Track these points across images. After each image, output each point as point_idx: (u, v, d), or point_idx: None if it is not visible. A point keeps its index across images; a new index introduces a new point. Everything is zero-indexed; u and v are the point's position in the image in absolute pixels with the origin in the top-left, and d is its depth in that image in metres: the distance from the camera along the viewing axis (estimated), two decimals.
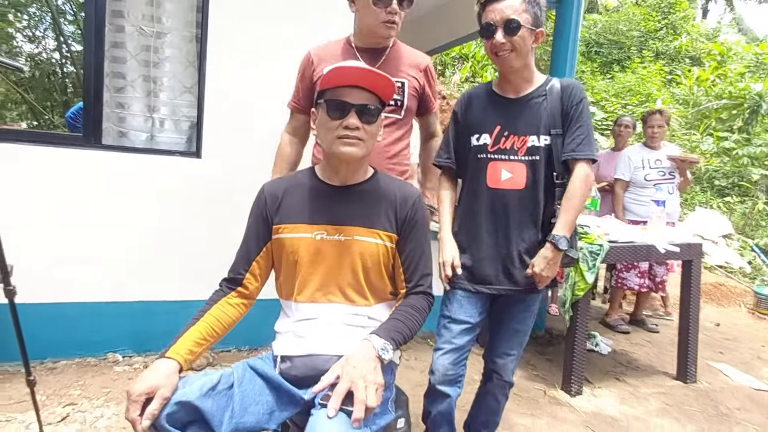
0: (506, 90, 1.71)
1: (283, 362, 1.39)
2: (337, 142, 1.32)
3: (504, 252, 1.69)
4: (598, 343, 3.53)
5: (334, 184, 1.42)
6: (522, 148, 1.65)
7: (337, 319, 1.39)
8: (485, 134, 1.68)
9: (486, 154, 1.68)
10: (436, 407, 1.77)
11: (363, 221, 1.39)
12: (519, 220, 1.67)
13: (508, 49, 1.58)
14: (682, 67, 12.10)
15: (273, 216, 1.41)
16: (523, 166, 1.65)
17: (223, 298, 1.38)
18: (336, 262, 1.38)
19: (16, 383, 2.39)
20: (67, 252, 2.61)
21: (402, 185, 1.48)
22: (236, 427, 1.25)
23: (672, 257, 2.95)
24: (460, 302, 1.73)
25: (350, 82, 1.31)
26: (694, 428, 2.50)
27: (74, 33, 7.89)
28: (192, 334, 1.27)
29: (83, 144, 2.64)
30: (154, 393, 1.14)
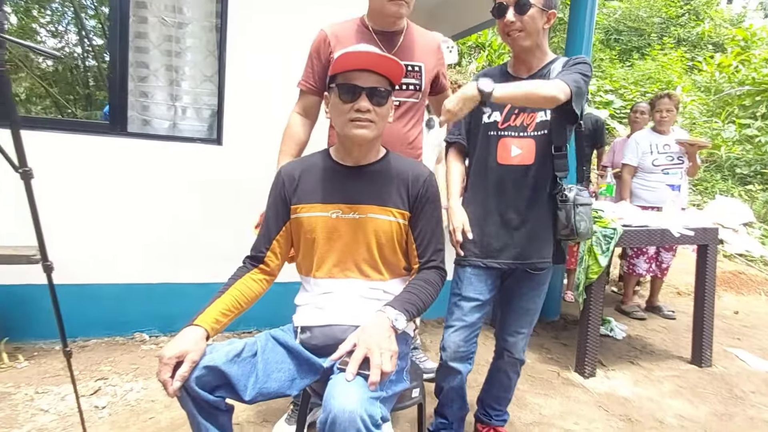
0: (519, 70, 1.75)
1: (303, 332, 1.46)
2: (350, 124, 1.37)
3: (513, 226, 1.72)
4: (613, 328, 3.55)
5: (347, 164, 1.48)
6: (531, 124, 1.68)
7: (354, 292, 1.46)
8: (496, 112, 1.71)
9: (496, 131, 1.72)
10: (448, 383, 1.82)
11: (376, 200, 1.45)
12: (527, 195, 1.70)
13: (518, 28, 1.61)
14: (705, 54, 11.85)
15: (291, 197, 1.47)
16: (532, 142, 1.68)
17: (247, 274, 1.46)
18: (351, 239, 1.45)
19: (50, 359, 2.52)
20: (95, 235, 2.73)
21: (413, 164, 1.53)
22: (260, 391, 1.33)
23: (687, 242, 2.95)
24: (470, 280, 1.76)
25: (360, 66, 1.36)
26: (707, 409, 2.52)
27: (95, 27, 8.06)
28: (218, 306, 1.36)
29: (110, 132, 2.75)
30: (183, 357, 1.22)
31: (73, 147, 2.65)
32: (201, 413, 1.29)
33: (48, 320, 2.66)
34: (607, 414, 2.39)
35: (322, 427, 1.12)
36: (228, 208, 2.92)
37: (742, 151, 8.36)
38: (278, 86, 2.94)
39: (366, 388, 1.15)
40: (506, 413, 2.01)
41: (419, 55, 1.90)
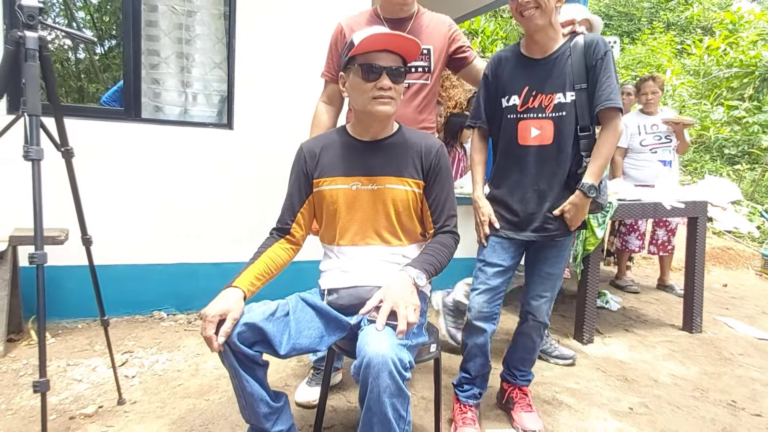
0: (533, 51, 1.82)
1: (330, 294, 1.59)
2: (373, 102, 1.49)
3: (535, 202, 1.84)
4: (608, 300, 3.72)
5: (364, 139, 1.60)
6: (549, 105, 1.78)
7: (375, 257, 1.59)
8: (514, 95, 1.82)
9: (516, 114, 1.82)
10: (473, 340, 1.95)
11: (393, 171, 1.57)
12: (547, 173, 1.82)
13: (533, 6, 1.68)
14: (693, 38, 12.01)
15: (312, 171, 1.59)
16: (550, 123, 1.79)
17: (275, 243, 1.59)
18: (371, 208, 1.58)
19: (76, 335, 2.64)
20: (113, 217, 2.84)
21: (425, 137, 1.65)
22: (293, 347, 1.47)
23: (678, 214, 3.10)
24: (494, 247, 1.90)
25: (379, 46, 1.47)
26: (697, 369, 2.69)
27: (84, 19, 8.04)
28: (253, 271, 1.50)
29: (125, 117, 2.85)
30: (225, 315, 1.35)
31: (89, 132, 2.75)
32: (242, 366, 1.42)
33: (70, 300, 2.80)
34: (605, 375, 2.56)
35: (356, 371, 1.25)
36: (240, 190, 3.03)
37: (730, 132, 8.56)
38: (286, 71, 3.05)
39: (395, 336, 1.28)
40: (530, 373, 2.13)
41: (428, 38, 2.01)
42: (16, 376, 2.20)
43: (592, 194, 1.76)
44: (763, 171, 7.57)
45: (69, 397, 2.06)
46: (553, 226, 1.85)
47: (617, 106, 1.73)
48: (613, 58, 1.79)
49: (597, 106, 1.75)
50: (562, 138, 1.80)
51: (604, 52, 1.75)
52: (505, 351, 2.18)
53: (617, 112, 1.75)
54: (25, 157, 1.41)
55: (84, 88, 8.14)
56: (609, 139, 1.76)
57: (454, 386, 2.07)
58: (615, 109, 1.74)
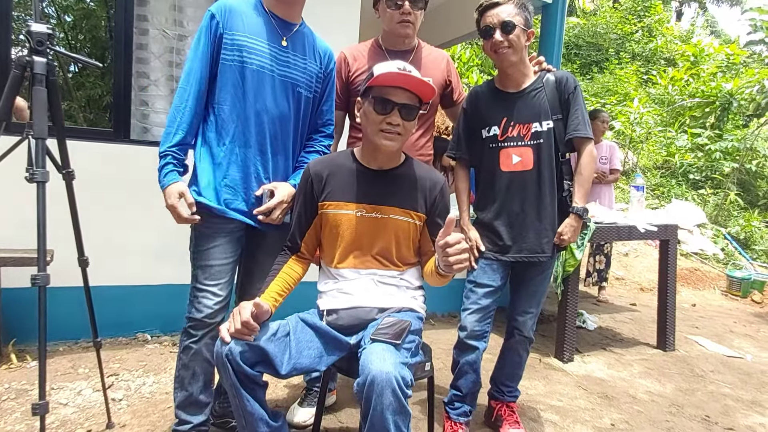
0: (507, 85, 1.98)
1: (329, 315, 1.63)
2: (380, 134, 1.55)
3: (519, 225, 1.95)
4: (585, 320, 3.84)
5: (372, 167, 1.66)
6: (527, 134, 1.92)
7: (374, 279, 1.64)
8: (494, 126, 1.95)
9: (497, 143, 1.96)
10: (464, 357, 2.03)
11: (398, 202, 1.64)
12: (530, 196, 1.94)
13: (506, 46, 1.84)
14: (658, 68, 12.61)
15: (319, 195, 1.64)
16: (529, 150, 1.92)
17: (289, 260, 1.66)
18: (374, 236, 1.63)
19: (58, 358, 2.59)
20: (98, 238, 2.80)
21: (430, 171, 1.73)
22: (294, 366, 1.50)
23: (651, 237, 3.26)
24: (483, 269, 2.00)
25: (396, 83, 1.53)
26: (673, 386, 2.80)
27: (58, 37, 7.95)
28: (274, 288, 1.57)
29: (114, 138, 2.85)
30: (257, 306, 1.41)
31: (76, 153, 2.73)
32: (242, 386, 1.45)
33: (51, 322, 2.73)
34: (586, 392, 2.64)
35: (360, 388, 1.29)
36: None
37: (694, 158, 8.98)
38: None
39: (398, 354, 1.33)
40: (517, 390, 2.21)
41: (427, 70, 2.11)
42: None
43: (585, 216, 1.92)
44: (725, 196, 7.94)
45: (55, 422, 2.03)
46: (539, 248, 1.95)
47: (586, 136, 1.92)
48: (581, 92, 1.96)
49: (567, 134, 1.94)
50: (541, 164, 1.93)
51: (574, 87, 1.95)
52: (489, 370, 2.25)
53: (588, 140, 1.94)
54: (30, 180, 1.43)
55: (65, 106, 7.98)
56: (587, 163, 1.94)
57: (445, 404, 2.12)
58: (585, 138, 1.93)
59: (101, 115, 5.93)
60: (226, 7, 1.66)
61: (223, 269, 1.73)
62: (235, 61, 1.65)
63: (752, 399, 2.72)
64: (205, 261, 1.72)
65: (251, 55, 1.66)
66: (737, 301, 5.34)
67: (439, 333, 3.42)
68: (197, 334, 1.73)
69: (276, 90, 1.71)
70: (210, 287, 1.71)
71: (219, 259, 1.72)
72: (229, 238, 1.73)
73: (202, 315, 1.71)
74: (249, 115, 1.69)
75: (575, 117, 1.92)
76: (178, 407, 1.78)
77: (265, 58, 1.68)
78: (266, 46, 1.68)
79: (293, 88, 1.75)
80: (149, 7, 2.96)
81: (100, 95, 5.92)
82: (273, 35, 1.70)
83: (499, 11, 1.84)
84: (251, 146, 1.71)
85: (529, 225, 1.95)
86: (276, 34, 1.71)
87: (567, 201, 1.95)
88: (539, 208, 1.94)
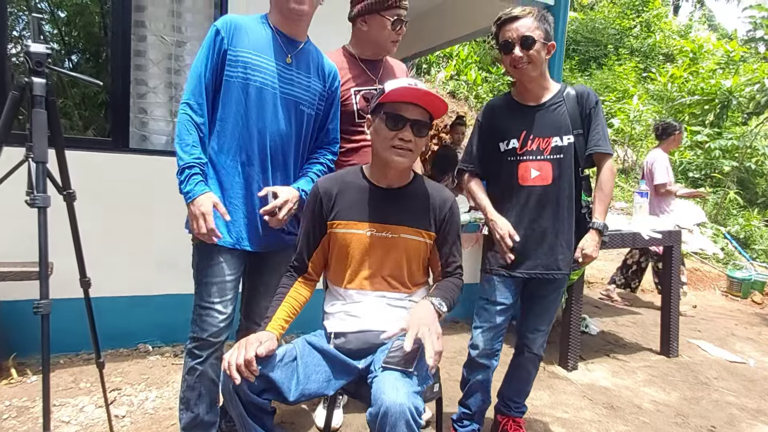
0: (526, 98, 1.93)
1: (336, 338, 1.61)
2: (391, 150, 1.52)
3: (536, 241, 1.90)
4: (588, 325, 3.83)
5: (381, 186, 1.63)
6: (547, 148, 1.88)
7: (383, 301, 1.61)
8: (513, 139, 1.90)
9: (516, 157, 1.90)
10: (475, 376, 2.01)
11: (408, 221, 1.61)
12: (548, 212, 1.89)
13: (525, 61, 1.80)
14: (656, 64, 12.58)
15: (328, 213, 1.61)
16: (548, 164, 1.88)
17: (296, 282, 1.62)
18: (383, 256, 1.60)
19: (59, 372, 2.56)
20: (97, 249, 2.77)
21: (439, 189, 1.70)
22: (302, 392, 1.48)
23: (655, 243, 3.24)
24: (496, 286, 1.95)
25: (408, 99, 1.51)
26: (677, 395, 2.80)
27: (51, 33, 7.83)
28: (280, 314, 1.54)
29: (112, 148, 2.81)
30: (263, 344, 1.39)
31: (76, 163, 2.69)
32: (250, 415, 1.43)
33: (52, 335, 2.70)
34: (591, 403, 2.63)
35: (372, 419, 1.27)
36: None
37: (693, 156, 8.97)
38: None
39: (411, 383, 1.32)
40: (524, 405, 2.19)
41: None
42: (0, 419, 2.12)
43: (606, 232, 1.89)
44: (724, 194, 7.95)
45: None
46: (554, 264, 1.92)
47: (607, 151, 1.90)
48: (601, 107, 1.93)
49: (588, 149, 1.91)
50: (561, 179, 1.89)
51: (595, 102, 1.91)
52: (497, 381, 2.23)
53: (608, 156, 1.91)
54: (32, 205, 1.39)
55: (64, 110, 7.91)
56: (607, 178, 1.91)
57: (453, 422, 2.10)
58: (606, 154, 1.90)
59: (96, 113, 5.87)
60: (232, 23, 1.63)
61: (228, 285, 1.72)
62: (239, 77, 1.63)
63: (757, 407, 2.71)
64: (209, 277, 1.71)
65: (255, 72, 1.64)
66: (738, 302, 5.34)
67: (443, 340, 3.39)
68: (202, 355, 1.71)
69: (278, 107, 1.70)
70: (215, 304, 1.70)
71: (223, 275, 1.70)
72: (232, 253, 1.72)
73: (207, 334, 1.69)
74: (252, 132, 1.68)
75: (596, 132, 1.89)
76: (184, 429, 1.76)
77: (269, 75, 1.66)
78: (271, 63, 1.66)
79: (296, 106, 1.74)
80: (147, 13, 2.91)
81: (96, 93, 5.85)
82: (278, 52, 1.68)
83: (518, 25, 1.79)
84: (254, 164, 1.70)
85: (545, 241, 1.90)
86: (281, 51, 1.69)
87: (585, 218, 1.92)
88: (556, 223, 1.90)
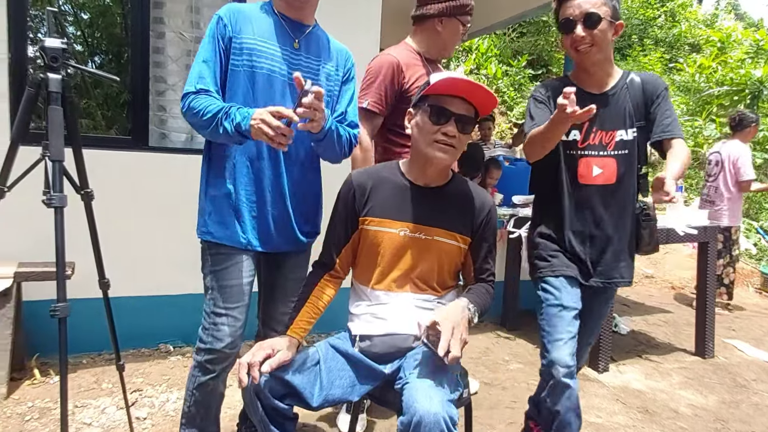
0: (588, 85, 1.71)
1: (362, 341, 1.53)
2: (434, 145, 1.43)
3: (598, 247, 1.72)
4: (618, 323, 3.70)
5: (418, 183, 1.54)
6: (611, 143, 1.68)
7: (411, 304, 1.53)
8: (575, 130, 1.68)
9: (576, 151, 1.70)
10: (564, 403, 1.63)
11: (444, 224, 1.52)
12: (612, 215, 1.70)
13: (588, 43, 1.60)
14: (682, 54, 12.22)
15: (361, 209, 1.53)
16: (613, 161, 1.68)
17: (321, 280, 1.55)
18: (416, 257, 1.51)
19: (81, 373, 2.55)
20: (119, 248, 2.75)
21: (478, 191, 1.60)
22: (325, 398, 1.42)
23: (690, 240, 3.10)
24: (566, 288, 1.69)
25: (455, 92, 1.42)
26: (715, 398, 2.67)
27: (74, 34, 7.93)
28: (303, 316, 1.48)
29: (132, 147, 2.79)
30: (275, 352, 1.35)
31: (96, 162, 2.67)
32: (271, 421, 1.37)
33: (74, 334, 2.69)
34: (625, 407, 2.52)
35: (405, 428, 1.20)
36: None
37: None
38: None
39: (444, 391, 1.24)
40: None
41: None
42: (22, 421, 2.10)
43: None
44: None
45: None
46: (616, 272, 1.74)
47: (682, 137, 1.66)
48: (669, 94, 1.74)
49: (659, 134, 1.67)
50: (625, 177, 1.70)
51: (664, 88, 1.71)
52: (521, 382, 2.14)
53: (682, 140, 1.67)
54: (48, 205, 1.35)
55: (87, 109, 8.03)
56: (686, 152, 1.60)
57: None
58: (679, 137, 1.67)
59: (119, 112, 5.92)
60: (235, 10, 1.55)
61: (244, 289, 1.61)
62: (244, 65, 1.53)
63: None
64: (224, 280, 1.60)
65: (261, 59, 1.54)
66: None
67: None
68: (215, 369, 1.59)
69: (288, 95, 1.58)
70: (230, 311, 1.59)
71: (239, 278, 1.60)
72: (246, 254, 1.61)
73: (222, 345, 1.57)
74: None
75: (666, 117, 1.66)
76: None
77: (276, 61, 1.56)
78: (277, 49, 1.56)
79: None
80: (165, 9, 2.88)
81: (118, 92, 5.90)
82: (284, 38, 1.58)
83: (581, 1, 1.58)
84: (264, 158, 1.58)
85: (606, 246, 1.72)
86: (287, 36, 1.58)
87: (640, 219, 1.75)
88: (619, 227, 1.71)
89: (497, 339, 3.38)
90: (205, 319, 1.62)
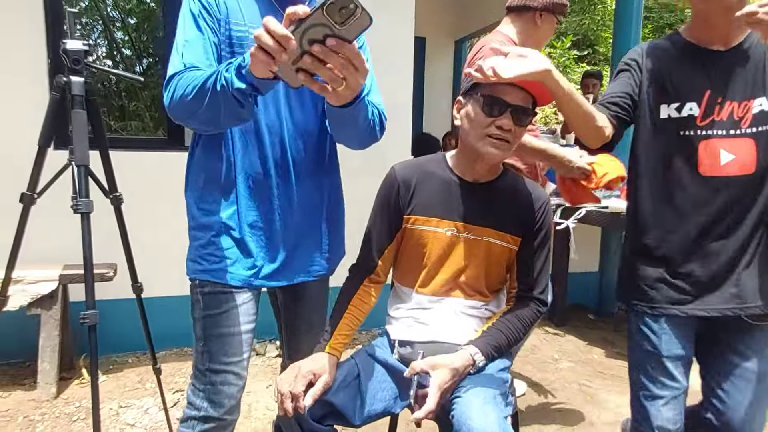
0: (711, 39, 1.30)
1: (402, 347, 1.43)
2: (486, 140, 1.29)
3: (724, 260, 1.30)
4: None
5: (466, 179, 1.41)
6: (746, 117, 1.26)
7: (456, 309, 1.41)
8: (690, 103, 1.29)
9: (694, 130, 1.29)
10: None
11: (494, 223, 1.38)
12: (745, 216, 1.29)
13: None
14: None
15: (405, 206, 1.40)
16: (750, 143, 1.26)
17: (360, 287, 1.41)
18: (464, 259, 1.39)
19: (126, 372, 2.59)
20: (159, 248, 2.77)
21: (532, 187, 1.45)
22: (368, 414, 1.32)
23: None
24: (670, 333, 1.34)
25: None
26: None
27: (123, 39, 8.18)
28: (342, 329, 1.35)
29: (168, 147, 2.79)
30: (317, 377, 1.24)
31: (133, 163, 2.69)
32: None
33: (119, 334, 2.75)
34: None
35: None
36: None
37: None
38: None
39: (500, 408, 1.15)
40: None
41: None
42: (69, 421, 2.14)
43: None
44: None
45: None
46: (755, 294, 1.29)
47: None
48: None
49: None
50: (766, 164, 1.27)
51: None
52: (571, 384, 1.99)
53: None
54: (75, 211, 1.32)
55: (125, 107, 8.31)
56: None
57: None
58: None
59: (164, 114, 6.08)
60: None
61: (246, 338, 1.30)
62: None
63: None
64: (222, 328, 1.26)
65: None
66: None
67: None
68: None
69: (290, 92, 1.27)
70: (232, 366, 1.27)
71: (241, 324, 1.28)
72: (251, 292, 1.30)
73: (223, 411, 1.26)
74: (261, 132, 1.25)
75: None
76: None
77: None
78: None
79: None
80: None
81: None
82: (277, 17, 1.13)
83: None
84: (270, 174, 1.27)
85: (738, 259, 1.30)
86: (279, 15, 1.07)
87: None
88: (758, 235, 1.31)
89: (545, 335, 3.21)
90: (197, 379, 1.28)
